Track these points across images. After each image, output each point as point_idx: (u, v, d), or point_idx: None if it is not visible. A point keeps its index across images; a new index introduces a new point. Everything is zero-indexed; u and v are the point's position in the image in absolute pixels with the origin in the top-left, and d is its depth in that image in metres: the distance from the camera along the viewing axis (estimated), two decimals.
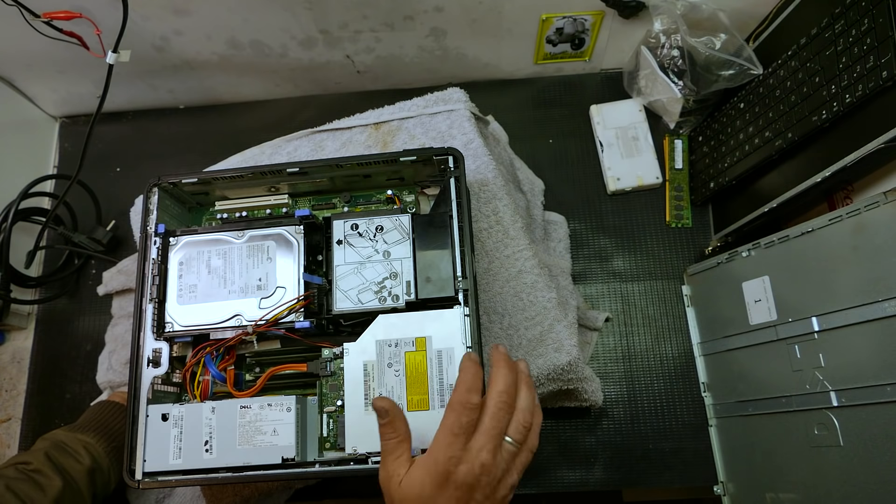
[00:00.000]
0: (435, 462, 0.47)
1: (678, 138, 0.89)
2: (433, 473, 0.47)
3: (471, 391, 0.49)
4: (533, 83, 0.95)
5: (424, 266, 0.63)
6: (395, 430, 0.50)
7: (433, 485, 0.46)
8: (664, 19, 0.81)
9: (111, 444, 0.69)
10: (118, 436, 0.70)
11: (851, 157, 0.60)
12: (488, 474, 0.47)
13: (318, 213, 0.70)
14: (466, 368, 0.51)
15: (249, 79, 0.94)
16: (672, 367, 0.81)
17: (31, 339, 0.89)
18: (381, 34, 0.85)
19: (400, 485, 0.48)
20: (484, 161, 0.76)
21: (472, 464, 0.47)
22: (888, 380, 0.56)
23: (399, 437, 0.50)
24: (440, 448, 0.47)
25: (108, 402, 0.74)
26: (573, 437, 0.79)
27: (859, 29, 0.61)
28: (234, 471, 0.59)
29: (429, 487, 0.46)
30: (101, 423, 0.71)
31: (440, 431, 0.48)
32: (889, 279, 0.57)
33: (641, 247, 0.86)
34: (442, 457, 0.47)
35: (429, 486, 0.46)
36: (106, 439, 0.69)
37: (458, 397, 0.49)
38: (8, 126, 0.91)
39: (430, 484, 0.46)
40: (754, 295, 0.71)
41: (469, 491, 0.47)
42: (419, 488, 0.47)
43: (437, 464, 0.47)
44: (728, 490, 0.75)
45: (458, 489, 0.46)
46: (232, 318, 0.63)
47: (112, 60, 0.69)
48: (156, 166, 0.95)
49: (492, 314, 0.73)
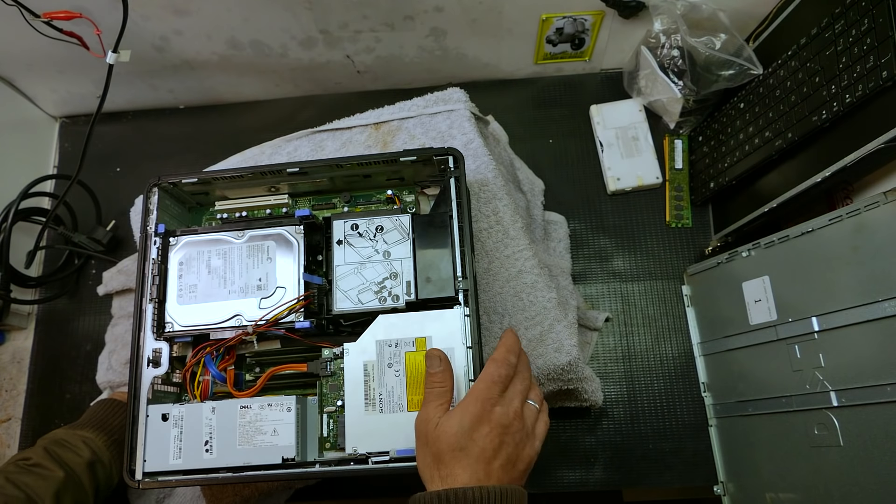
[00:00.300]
0: (474, 401, 0.51)
1: (678, 138, 0.89)
2: (471, 413, 0.51)
3: (510, 352, 0.55)
4: (533, 83, 0.95)
5: (424, 266, 0.63)
6: (444, 380, 0.55)
7: (471, 422, 0.50)
8: (664, 19, 0.81)
9: (111, 438, 0.69)
10: (118, 430, 0.70)
11: (851, 157, 0.60)
12: (519, 419, 0.52)
13: (318, 213, 0.70)
14: (508, 335, 0.57)
15: (249, 79, 0.94)
16: (672, 367, 0.81)
17: (31, 339, 0.89)
18: (381, 34, 0.85)
19: (437, 426, 0.51)
20: (484, 161, 0.76)
21: (507, 407, 0.52)
22: (888, 380, 0.56)
23: (446, 388, 0.54)
24: (480, 391, 0.52)
25: (107, 400, 0.75)
26: (573, 437, 0.79)
27: (859, 29, 0.61)
28: (234, 471, 0.59)
29: (467, 424, 0.50)
30: (99, 419, 0.71)
31: (480, 380, 0.53)
32: (889, 279, 0.57)
33: (641, 247, 0.86)
34: (481, 397, 0.51)
35: (467, 423, 0.50)
36: (105, 433, 0.69)
37: (501, 354, 0.55)
38: (8, 126, 0.91)
39: (469, 421, 0.50)
40: (754, 295, 0.71)
41: (502, 432, 0.51)
42: (457, 426, 0.50)
43: (476, 402, 0.51)
44: (728, 490, 0.75)
45: (493, 428, 0.50)
46: (232, 318, 0.63)
47: (112, 60, 0.69)
48: (156, 166, 0.95)
49: (492, 314, 0.73)
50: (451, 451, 0.50)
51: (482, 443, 0.50)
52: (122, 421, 0.71)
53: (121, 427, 0.70)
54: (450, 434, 0.50)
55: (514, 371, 0.55)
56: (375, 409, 0.58)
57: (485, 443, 0.50)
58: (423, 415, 0.53)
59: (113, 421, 0.71)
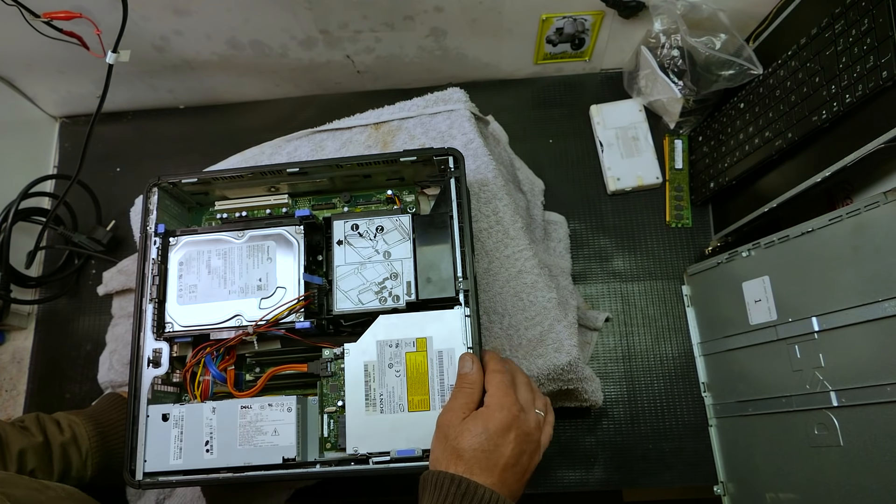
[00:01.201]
0: (499, 408, 0.52)
1: (678, 138, 0.89)
2: (498, 419, 0.51)
3: (499, 362, 0.57)
4: (533, 83, 0.95)
5: (425, 266, 0.63)
6: (475, 382, 0.55)
7: (497, 427, 0.51)
8: (664, 19, 0.81)
9: (98, 429, 0.69)
10: (109, 424, 0.70)
11: (851, 157, 0.60)
12: (538, 429, 0.54)
13: (318, 213, 0.70)
14: (485, 354, 0.59)
15: (249, 79, 0.94)
16: (672, 367, 0.81)
17: (31, 339, 0.89)
18: (381, 34, 0.85)
19: (462, 422, 0.52)
20: (484, 161, 0.76)
21: (529, 416, 0.53)
22: (888, 380, 0.56)
23: (475, 390, 0.54)
24: (501, 399, 0.53)
25: (112, 394, 0.76)
26: (573, 437, 0.79)
27: (859, 29, 0.61)
28: (234, 471, 0.59)
29: (492, 428, 0.51)
30: (95, 410, 0.72)
31: (496, 388, 0.54)
32: (889, 279, 0.57)
33: (641, 247, 0.86)
34: (505, 404, 0.52)
35: (493, 427, 0.51)
36: (93, 423, 0.69)
37: (498, 365, 0.56)
38: (8, 126, 0.91)
39: (495, 427, 0.51)
40: (754, 295, 0.71)
41: (524, 440, 0.52)
42: (482, 428, 0.51)
43: (501, 409, 0.52)
44: (728, 490, 0.75)
45: (518, 435, 0.51)
46: (232, 318, 0.63)
47: (112, 60, 0.69)
48: (156, 166, 0.95)
49: (492, 314, 0.73)
50: (473, 451, 0.50)
51: (505, 449, 0.51)
52: (117, 416, 0.71)
53: (114, 421, 0.71)
54: (474, 434, 0.51)
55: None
56: (376, 409, 0.58)
57: (508, 449, 0.51)
58: (448, 410, 0.54)
59: (109, 414, 0.71)
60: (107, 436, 0.69)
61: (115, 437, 0.70)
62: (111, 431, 0.70)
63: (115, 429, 0.70)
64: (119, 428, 0.70)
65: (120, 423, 0.71)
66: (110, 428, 0.70)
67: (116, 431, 0.70)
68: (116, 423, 0.71)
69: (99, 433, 0.69)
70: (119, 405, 0.73)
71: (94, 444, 0.68)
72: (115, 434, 0.70)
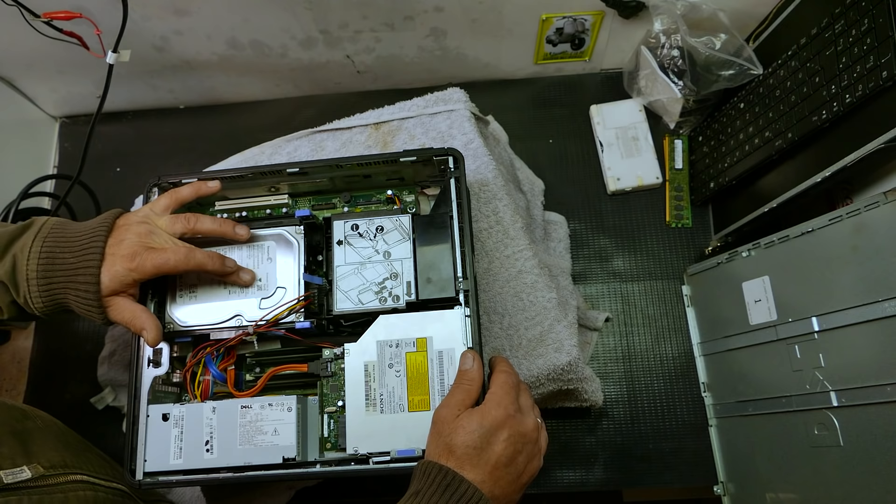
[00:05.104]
0: (496, 406, 0.52)
1: (678, 138, 0.89)
2: (493, 416, 0.51)
3: (511, 366, 0.58)
4: (533, 83, 0.95)
5: (425, 266, 0.63)
6: (474, 379, 0.55)
7: (492, 425, 0.51)
8: (664, 19, 0.81)
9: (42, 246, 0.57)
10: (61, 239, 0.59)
11: (851, 157, 0.60)
12: (536, 431, 0.54)
13: (318, 214, 0.70)
14: (500, 358, 0.59)
15: (249, 79, 0.94)
16: (672, 367, 0.81)
17: (31, 339, 0.89)
18: (381, 34, 0.85)
19: (457, 418, 0.52)
20: (484, 161, 0.76)
21: (527, 417, 0.53)
22: (888, 380, 0.56)
23: (474, 387, 0.54)
24: (500, 397, 0.53)
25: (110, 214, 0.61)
26: (573, 437, 0.79)
27: (859, 29, 0.61)
28: (234, 471, 0.59)
29: (487, 426, 0.51)
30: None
31: (497, 387, 0.54)
32: (889, 279, 0.57)
33: (641, 247, 0.86)
34: (503, 403, 0.52)
35: (487, 425, 0.51)
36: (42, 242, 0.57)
37: (507, 366, 0.57)
38: (8, 126, 0.91)
39: (489, 424, 0.51)
40: (754, 295, 0.71)
41: (520, 441, 0.52)
42: (477, 425, 0.51)
43: (497, 407, 0.52)
44: (728, 490, 0.75)
45: (512, 435, 0.51)
46: (232, 318, 0.63)
47: (112, 60, 0.69)
48: (156, 166, 0.95)
49: (492, 314, 0.73)
50: (465, 447, 0.50)
51: (499, 448, 0.51)
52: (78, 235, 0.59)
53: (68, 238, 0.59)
54: (468, 431, 0.51)
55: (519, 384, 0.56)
56: (376, 409, 0.58)
57: (501, 448, 0.51)
58: (444, 405, 0.54)
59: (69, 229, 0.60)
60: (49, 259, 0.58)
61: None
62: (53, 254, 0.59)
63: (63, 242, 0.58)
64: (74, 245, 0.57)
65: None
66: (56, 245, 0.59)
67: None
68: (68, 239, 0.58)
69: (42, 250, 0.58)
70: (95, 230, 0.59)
71: (37, 265, 0.58)
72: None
